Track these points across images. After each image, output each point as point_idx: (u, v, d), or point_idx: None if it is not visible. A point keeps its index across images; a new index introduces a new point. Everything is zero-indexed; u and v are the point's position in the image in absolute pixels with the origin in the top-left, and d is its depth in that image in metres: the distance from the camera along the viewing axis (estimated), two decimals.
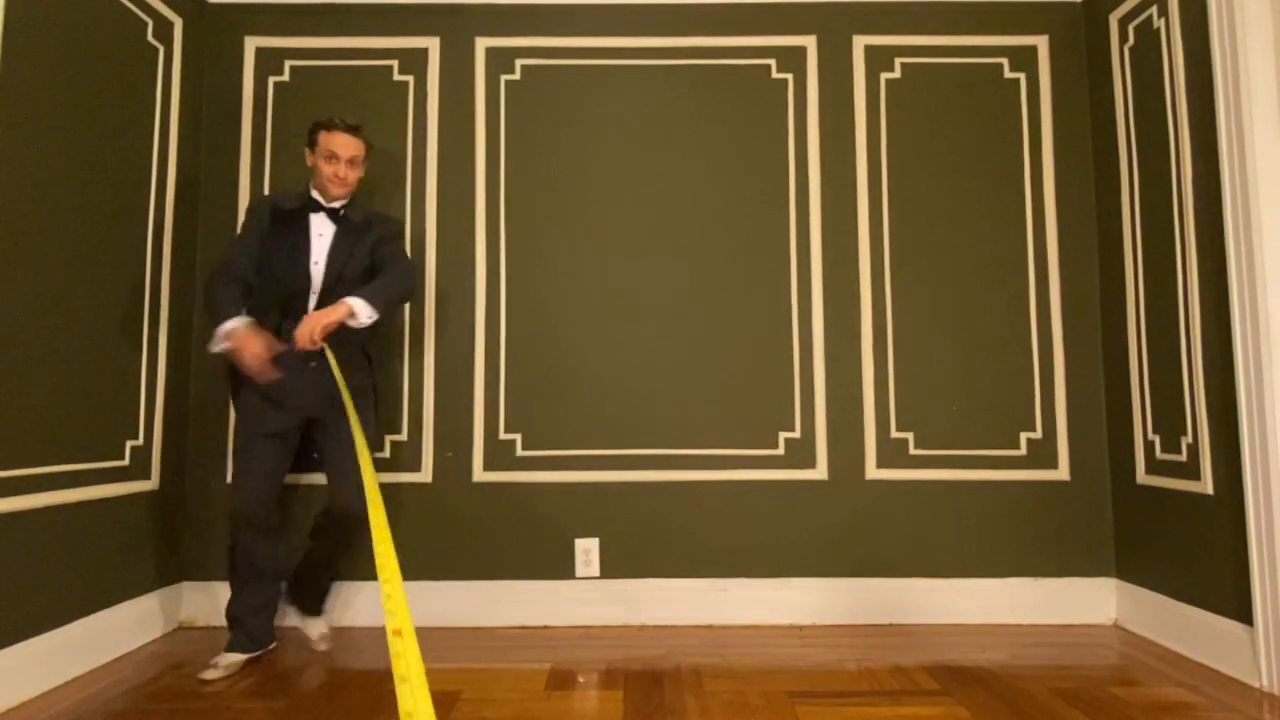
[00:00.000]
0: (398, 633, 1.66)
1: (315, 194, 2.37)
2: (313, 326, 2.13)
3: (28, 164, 2.05)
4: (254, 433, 2.28)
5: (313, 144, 2.36)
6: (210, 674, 2.17)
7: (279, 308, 2.29)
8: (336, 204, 2.38)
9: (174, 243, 2.66)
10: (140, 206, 2.51)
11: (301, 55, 2.87)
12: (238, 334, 2.14)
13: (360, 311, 2.18)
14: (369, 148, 2.42)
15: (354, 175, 2.37)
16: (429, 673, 2.21)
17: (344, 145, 2.33)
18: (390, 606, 1.67)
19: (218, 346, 2.17)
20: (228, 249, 2.36)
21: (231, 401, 2.46)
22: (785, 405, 2.77)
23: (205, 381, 2.75)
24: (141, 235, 2.51)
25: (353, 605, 2.68)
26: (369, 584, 2.68)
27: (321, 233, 2.34)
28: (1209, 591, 2.28)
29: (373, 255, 2.38)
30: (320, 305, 2.28)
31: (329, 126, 2.34)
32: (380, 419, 2.65)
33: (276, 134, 2.84)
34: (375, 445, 2.63)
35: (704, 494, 2.74)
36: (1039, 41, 2.88)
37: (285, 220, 2.34)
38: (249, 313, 2.24)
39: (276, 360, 2.17)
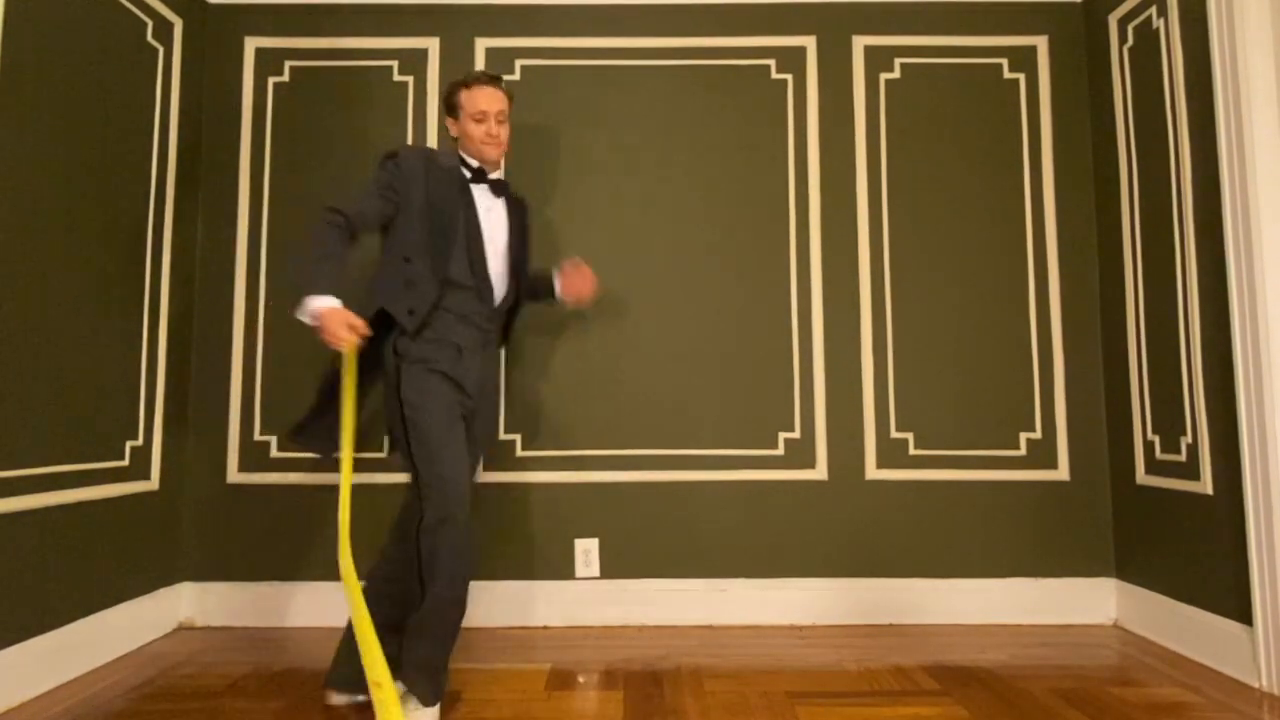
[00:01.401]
0: (377, 684, 1.68)
1: (473, 162, 2.07)
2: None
3: (28, 164, 2.06)
4: (445, 417, 1.90)
5: (453, 109, 2.06)
6: None
7: (438, 282, 1.95)
8: (496, 174, 2.09)
9: (174, 243, 2.66)
10: (140, 206, 2.51)
11: (301, 55, 2.87)
12: (326, 318, 1.79)
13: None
14: (511, 99, 2.14)
15: (505, 133, 2.07)
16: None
17: (491, 99, 2.03)
18: (368, 661, 1.69)
19: (302, 316, 1.84)
20: (357, 199, 1.96)
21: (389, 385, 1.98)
22: (785, 405, 2.77)
23: (205, 381, 2.75)
24: (141, 235, 2.51)
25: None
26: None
27: (489, 207, 2.06)
28: (1209, 591, 2.28)
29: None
30: (503, 293, 2.08)
31: (469, 83, 2.05)
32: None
33: (276, 134, 2.84)
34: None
35: (704, 494, 2.74)
36: (1038, 42, 2.88)
37: (444, 181, 2.00)
38: (387, 281, 1.95)
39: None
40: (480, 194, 2.06)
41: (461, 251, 1.98)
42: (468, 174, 2.06)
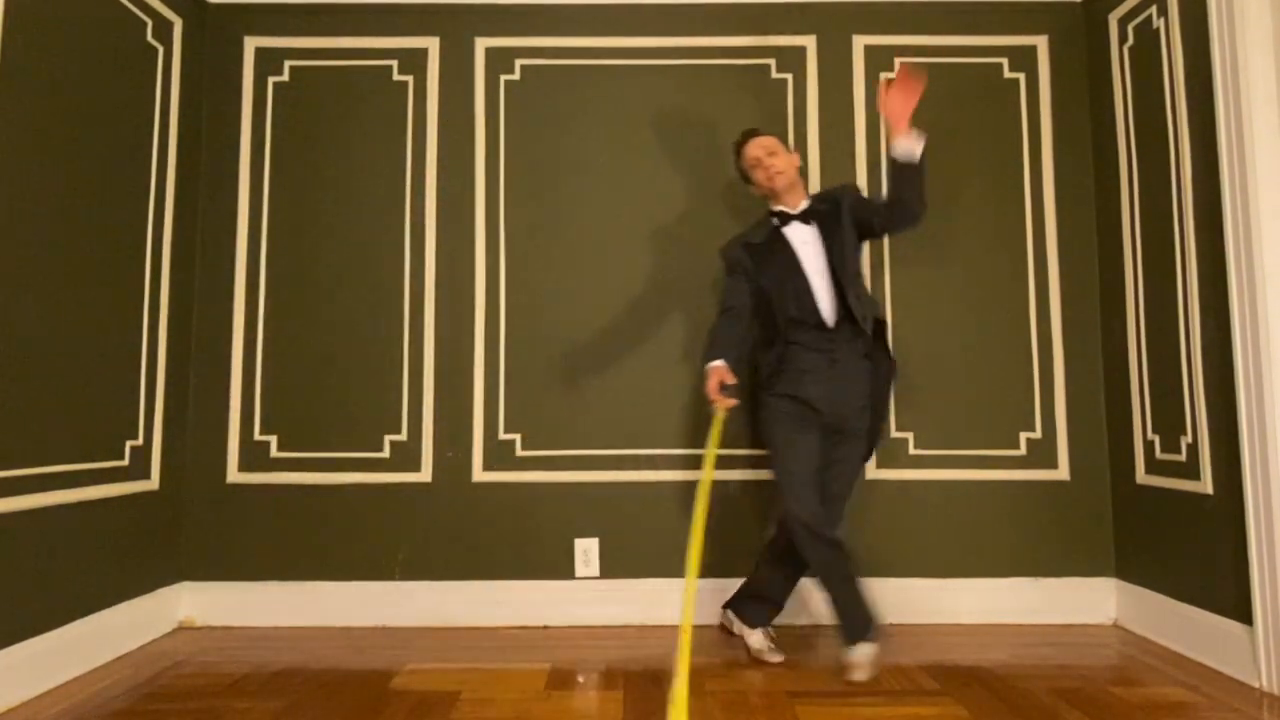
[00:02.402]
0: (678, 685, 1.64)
1: (776, 208, 2.36)
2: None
3: (28, 164, 2.05)
4: (786, 432, 2.28)
5: (744, 175, 2.43)
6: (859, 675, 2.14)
7: (797, 326, 2.28)
8: (800, 205, 2.35)
9: (174, 243, 2.66)
10: (140, 207, 2.51)
11: (301, 55, 2.87)
12: (706, 374, 2.26)
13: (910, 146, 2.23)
14: (781, 140, 2.42)
15: (781, 161, 2.33)
16: (428, 672, 2.22)
17: (756, 147, 2.36)
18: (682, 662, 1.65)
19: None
20: (721, 296, 2.43)
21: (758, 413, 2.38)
22: None
23: (205, 381, 2.75)
24: (141, 235, 2.51)
25: (350, 605, 2.67)
26: (372, 584, 2.68)
27: (806, 240, 2.31)
28: (1209, 591, 2.28)
29: (858, 222, 2.31)
30: (836, 311, 2.26)
31: (737, 147, 2.41)
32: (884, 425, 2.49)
33: (276, 134, 2.84)
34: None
35: None
36: (1039, 41, 2.88)
37: (765, 251, 2.33)
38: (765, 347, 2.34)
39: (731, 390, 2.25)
40: (793, 231, 2.32)
41: (790, 292, 2.28)
42: (775, 221, 2.34)
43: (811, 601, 2.68)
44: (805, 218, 2.33)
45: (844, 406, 2.27)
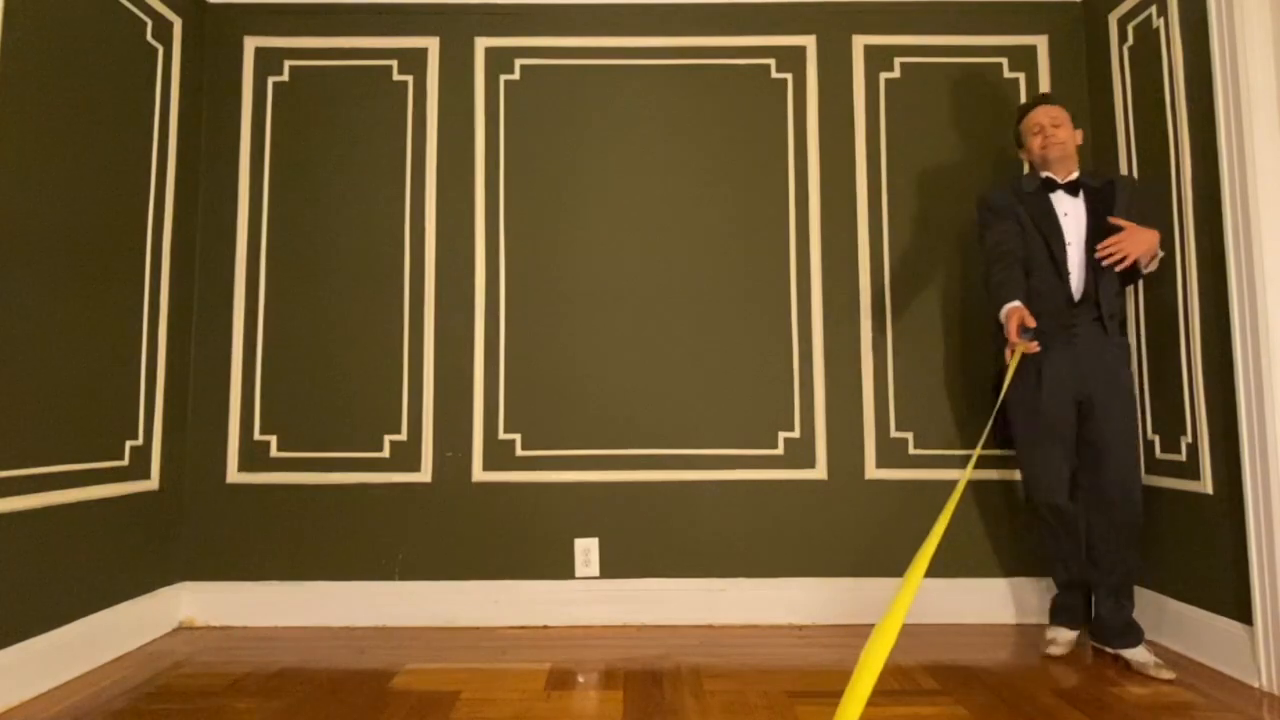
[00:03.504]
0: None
1: (1045, 174, 2.36)
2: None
3: (27, 164, 2.05)
4: (1032, 420, 2.29)
5: (1019, 143, 2.44)
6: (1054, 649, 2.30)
7: (1032, 295, 2.29)
8: (1069, 176, 2.33)
9: (174, 242, 2.66)
10: (140, 206, 2.51)
11: (301, 55, 2.87)
12: (1006, 315, 2.20)
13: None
14: (1070, 114, 2.41)
15: (1063, 133, 2.33)
16: (428, 672, 2.22)
17: (1043, 114, 2.35)
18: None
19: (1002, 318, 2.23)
20: (985, 243, 2.38)
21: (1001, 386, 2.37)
22: (785, 405, 2.77)
23: (205, 381, 2.75)
24: (141, 235, 2.51)
25: (350, 605, 2.68)
26: (372, 584, 2.68)
27: (1067, 211, 2.31)
28: (1209, 591, 2.28)
29: (1139, 213, 2.32)
30: (1085, 287, 2.26)
31: (1023, 111, 2.41)
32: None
33: (276, 134, 2.84)
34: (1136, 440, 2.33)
35: (704, 494, 2.74)
36: (1038, 41, 2.88)
37: (1027, 203, 2.33)
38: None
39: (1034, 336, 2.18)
40: (1059, 198, 2.33)
41: (1044, 256, 2.28)
42: (1042, 185, 2.35)
43: (810, 601, 2.69)
44: (1073, 189, 2.32)
45: (1095, 387, 2.24)
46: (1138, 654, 2.21)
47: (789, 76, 2.88)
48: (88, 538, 2.26)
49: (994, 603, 2.68)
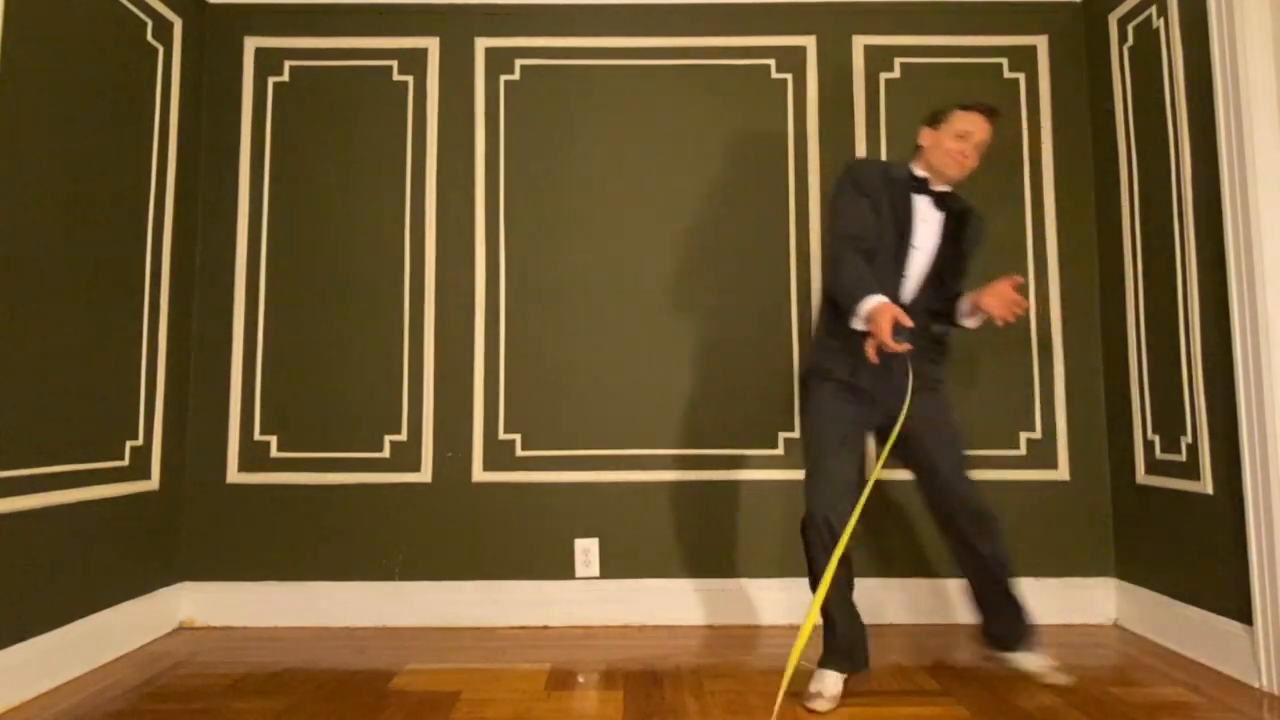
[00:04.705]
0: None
1: (921, 173, 2.18)
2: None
3: (28, 164, 2.05)
4: (831, 430, 2.10)
5: (936, 121, 2.18)
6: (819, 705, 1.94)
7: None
8: (942, 187, 2.18)
9: (174, 242, 2.66)
10: (140, 206, 2.51)
11: (301, 55, 2.87)
12: (875, 313, 1.92)
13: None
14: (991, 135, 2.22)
15: (974, 162, 2.17)
16: (428, 672, 2.22)
17: (980, 127, 2.15)
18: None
19: (858, 325, 1.99)
20: (840, 218, 2.13)
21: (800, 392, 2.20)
22: (784, 405, 2.77)
23: (205, 381, 2.75)
24: (141, 235, 2.51)
25: (350, 605, 2.67)
26: (372, 584, 2.68)
27: (926, 218, 2.15)
28: (1209, 591, 2.28)
29: (965, 251, 2.20)
30: (914, 296, 2.11)
31: (968, 106, 2.17)
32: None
33: (276, 134, 2.84)
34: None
35: (704, 494, 2.74)
36: (1038, 41, 2.88)
37: (891, 191, 2.14)
38: None
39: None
40: (921, 202, 2.15)
41: (890, 253, 2.09)
42: (913, 184, 2.16)
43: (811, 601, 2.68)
44: (940, 201, 2.17)
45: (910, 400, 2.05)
46: (1034, 659, 2.12)
47: (789, 76, 2.88)
48: (88, 538, 2.26)
49: None
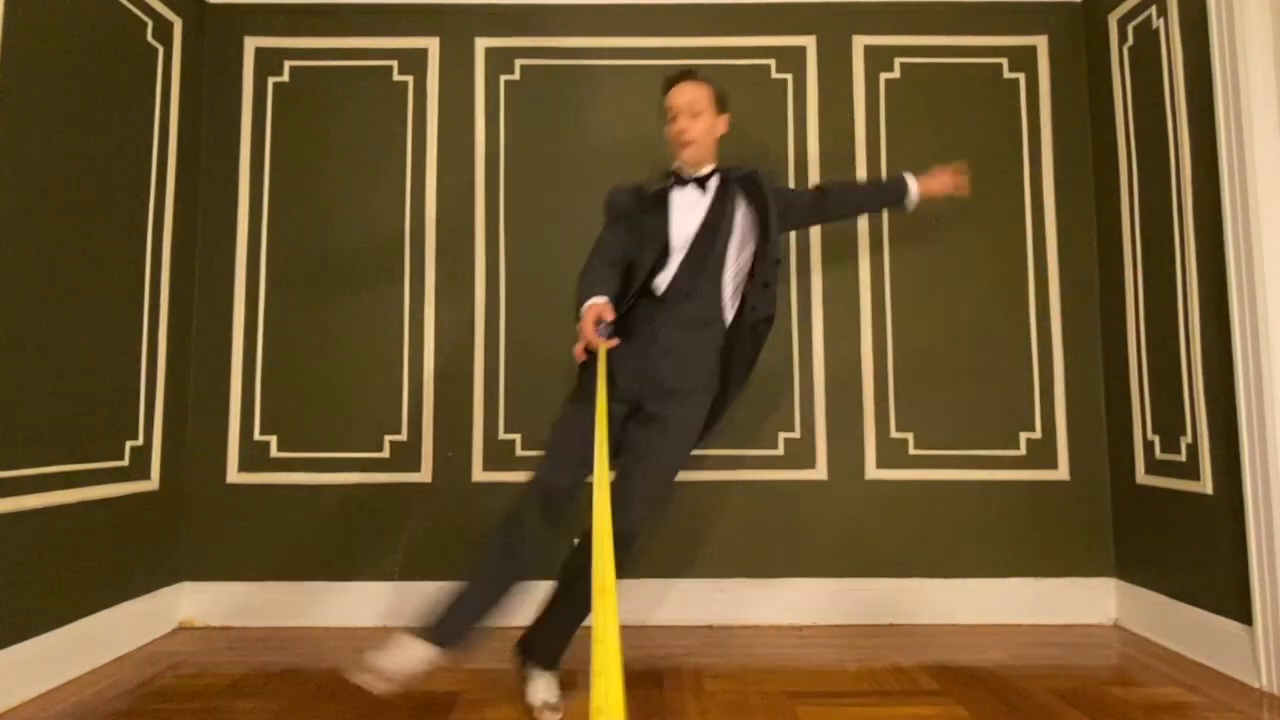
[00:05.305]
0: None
1: (675, 167, 2.06)
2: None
3: (27, 164, 2.06)
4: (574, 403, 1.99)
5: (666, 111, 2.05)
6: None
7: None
8: (699, 171, 2.01)
9: (174, 243, 2.66)
10: (140, 206, 2.51)
11: (301, 55, 2.87)
12: (583, 313, 1.89)
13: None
14: (717, 91, 2.04)
15: (697, 127, 1.97)
16: (429, 672, 2.21)
17: (676, 98, 1.98)
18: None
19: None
20: (597, 240, 2.10)
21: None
22: (786, 405, 2.77)
23: (205, 381, 2.75)
24: (141, 235, 2.51)
25: (350, 605, 2.67)
26: (372, 584, 2.68)
27: (692, 205, 1.99)
28: (1209, 591, 2.28)
29: (782, 209, 2.05)
30: (681, 272, 1.96)
31: (665, 85, 2.01)
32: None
33: (276, 134, 2.84)
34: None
35: (704, 494, 2.74)
36: (1038, 42, 2.88)
37: (643, 204, 2.03)
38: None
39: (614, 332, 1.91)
40: (680, 195, 2.02)
41: (647, 257, 1.97)
42: (671, 181, 2.05)
43: (810, 601, 2.68)
44: (701, 185, 2.02)
45: (647, 383, 1.96)
46: (544, 689, 1.98)
47: (789, 76, 2.88)
48: (88, 538, 2.26)
49: (994, 603, 2.68)
